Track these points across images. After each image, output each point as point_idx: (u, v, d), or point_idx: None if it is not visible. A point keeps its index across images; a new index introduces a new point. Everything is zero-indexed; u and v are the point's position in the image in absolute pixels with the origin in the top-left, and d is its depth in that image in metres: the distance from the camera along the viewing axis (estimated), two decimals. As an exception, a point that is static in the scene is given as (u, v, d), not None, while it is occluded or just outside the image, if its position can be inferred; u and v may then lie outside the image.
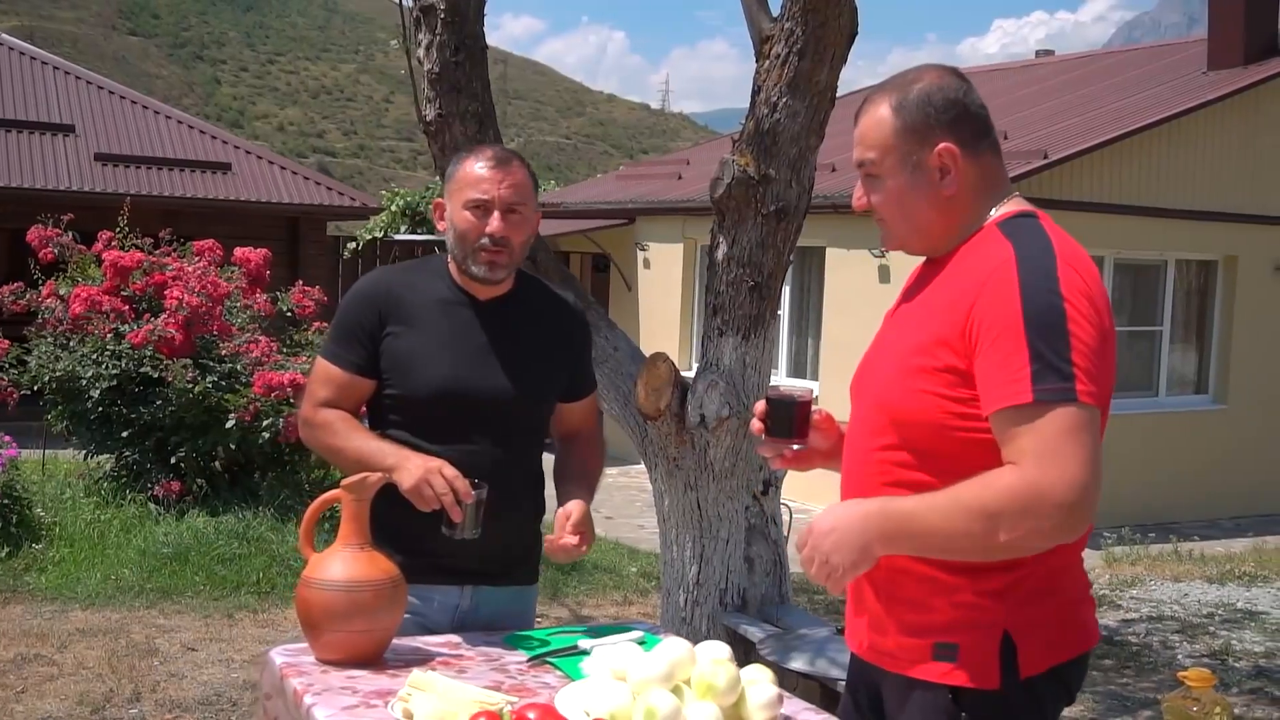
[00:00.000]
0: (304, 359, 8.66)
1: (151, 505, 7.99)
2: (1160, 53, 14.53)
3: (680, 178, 14.08)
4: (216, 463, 8.52)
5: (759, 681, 2.13)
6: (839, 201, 9.84)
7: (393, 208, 18.60)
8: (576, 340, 2.84)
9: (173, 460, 8.16)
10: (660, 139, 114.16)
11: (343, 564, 2.38)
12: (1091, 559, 8.56)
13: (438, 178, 4.93)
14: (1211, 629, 7.08)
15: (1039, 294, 1.87)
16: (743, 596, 4.85)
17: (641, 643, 2.57)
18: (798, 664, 4.13)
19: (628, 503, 10.89)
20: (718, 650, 2.18)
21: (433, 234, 18.35)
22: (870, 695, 2.19)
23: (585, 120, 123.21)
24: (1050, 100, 13.07)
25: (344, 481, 2.41)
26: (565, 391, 2.81)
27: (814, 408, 2.27)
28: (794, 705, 2.26)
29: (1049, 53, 19.00)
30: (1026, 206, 2.09)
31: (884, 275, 10.39)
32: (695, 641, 2.23)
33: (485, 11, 4.67)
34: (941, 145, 2.03)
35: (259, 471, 8.41)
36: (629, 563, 8.35)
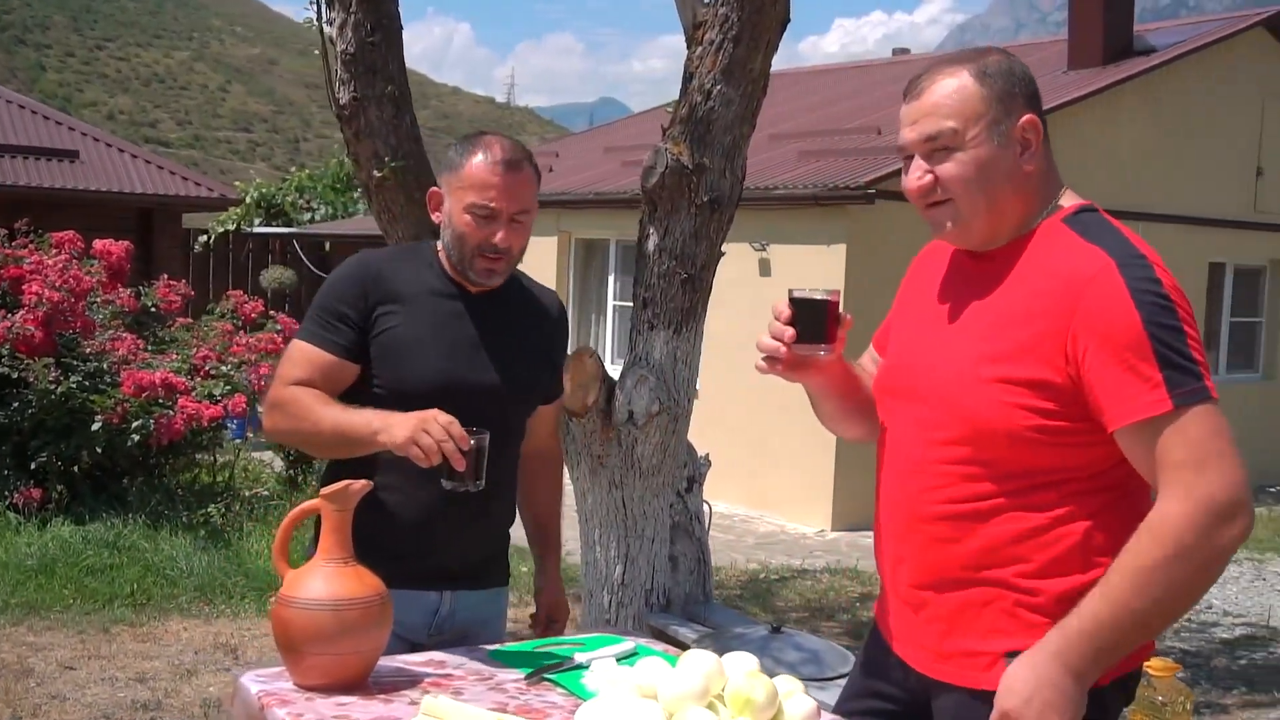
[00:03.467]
0: (174, 357, 8.24)
1: (10, 514, 7.47)
2: (1021, 52, 14.92)
3: (551, 170, 13.90)
4: (77, 467, 8.03)
5: (795, 693, 2.01)
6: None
7: (247, 199, 17.91)
8: (558, 336, 2.73)
9: (32, 466, 7.65)
10: (506, 132, 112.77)
11: (325, 581, 2.17)
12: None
13: (350, 162, 4.70)
14: (1100, 614, 7.25)
15: (1151, 299, 1.81)
16: (667, 596, 4.75)
17: (633, 654, 2.45)
18: (741, 665, 4.03)
19: (508, 501, 10.67)
20: (747, 662, 2.06)
21: (291, 227, 17.76)
22: (903, 703, 2.12)
23: (430, 113, 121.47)
24: (916, 97, 13.28)
25: (324, 490, 2.20)
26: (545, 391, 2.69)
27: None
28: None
29: (904, 51, 19.41)
30: (1082, 200, 2.03)
31: (764, 269, 10.40)
32: None
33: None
34: (1026, 117, 1.94)
35: (127, 476, 7.96)
36: (519, 563, 8.15)
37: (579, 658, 2.38)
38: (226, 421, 8.59)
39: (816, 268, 9.96)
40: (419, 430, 2.22)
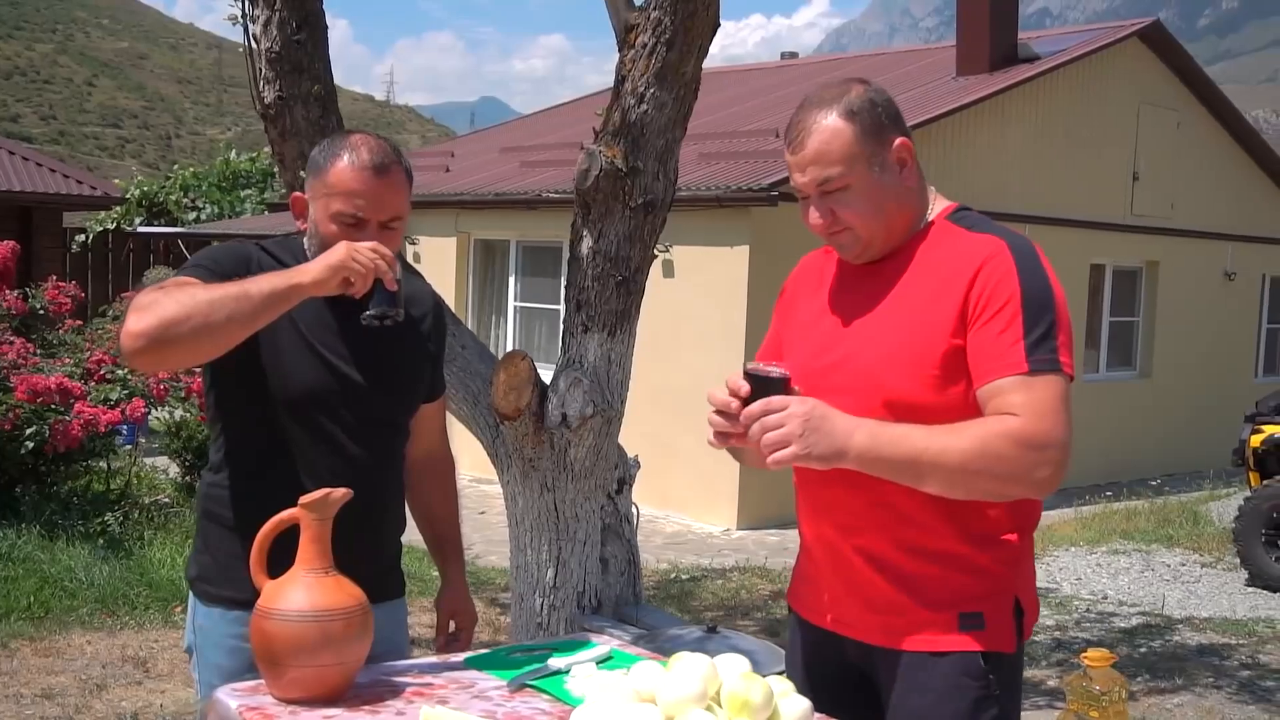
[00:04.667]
0: (66, 361, 7.97)
1: (-106, 527, 7.16)
2: (914, 58, 15.24)
3: (448, 170, 13.78)
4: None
5: (789, 693, 2.04)
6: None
7: (128, 197, 17.36)
8: (435, 328, 2.63)
9: (-83, 476, 7.34)
10: (386, 131, 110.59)
11: (306, 591, 2.13)
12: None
13: (275, 164, 4.61)
14: (1003, 606, 7.45)
15: (1035, 279, 2.04)
16: (598, 598, 4.75)
17: (609, 659, 2.46)
18: (681, 665, 4.05)
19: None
20: (739, 663, 2.08)
21: (176, 227, 17.30)
22: (844, 678, 2.23)
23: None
24: (810, 100, 13.48)
25: (303, 499, 2.16)
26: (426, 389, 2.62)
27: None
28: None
29: (793, 55, 19.66)
30: (955, 202, 2.23)
31: (668, 270, 10.45)
32: None
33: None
34: (898, 141, 2.13)
35: (19, 485, 7.67)
36: (428, 567, 8.08)
37: (555, 662, 2.37)
38: (119, 427, 8.34)
39: (720, 269, 10.05)
40: (352, 250, 2.16)
